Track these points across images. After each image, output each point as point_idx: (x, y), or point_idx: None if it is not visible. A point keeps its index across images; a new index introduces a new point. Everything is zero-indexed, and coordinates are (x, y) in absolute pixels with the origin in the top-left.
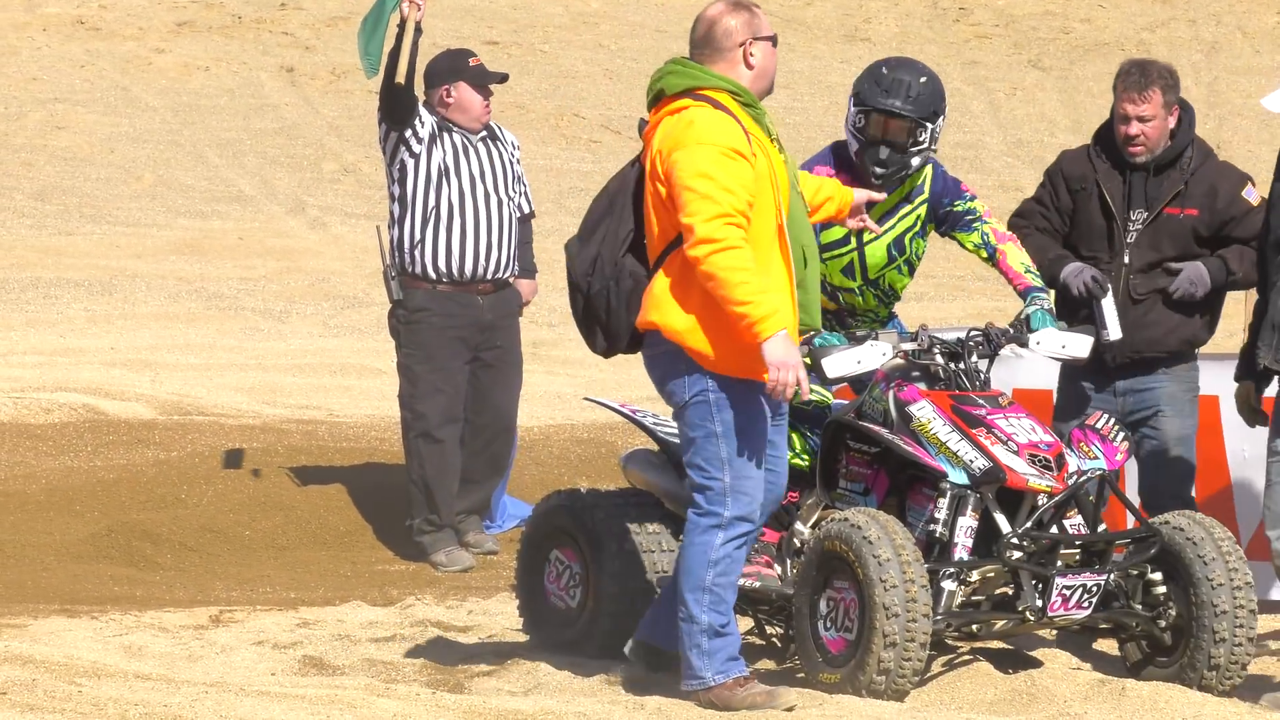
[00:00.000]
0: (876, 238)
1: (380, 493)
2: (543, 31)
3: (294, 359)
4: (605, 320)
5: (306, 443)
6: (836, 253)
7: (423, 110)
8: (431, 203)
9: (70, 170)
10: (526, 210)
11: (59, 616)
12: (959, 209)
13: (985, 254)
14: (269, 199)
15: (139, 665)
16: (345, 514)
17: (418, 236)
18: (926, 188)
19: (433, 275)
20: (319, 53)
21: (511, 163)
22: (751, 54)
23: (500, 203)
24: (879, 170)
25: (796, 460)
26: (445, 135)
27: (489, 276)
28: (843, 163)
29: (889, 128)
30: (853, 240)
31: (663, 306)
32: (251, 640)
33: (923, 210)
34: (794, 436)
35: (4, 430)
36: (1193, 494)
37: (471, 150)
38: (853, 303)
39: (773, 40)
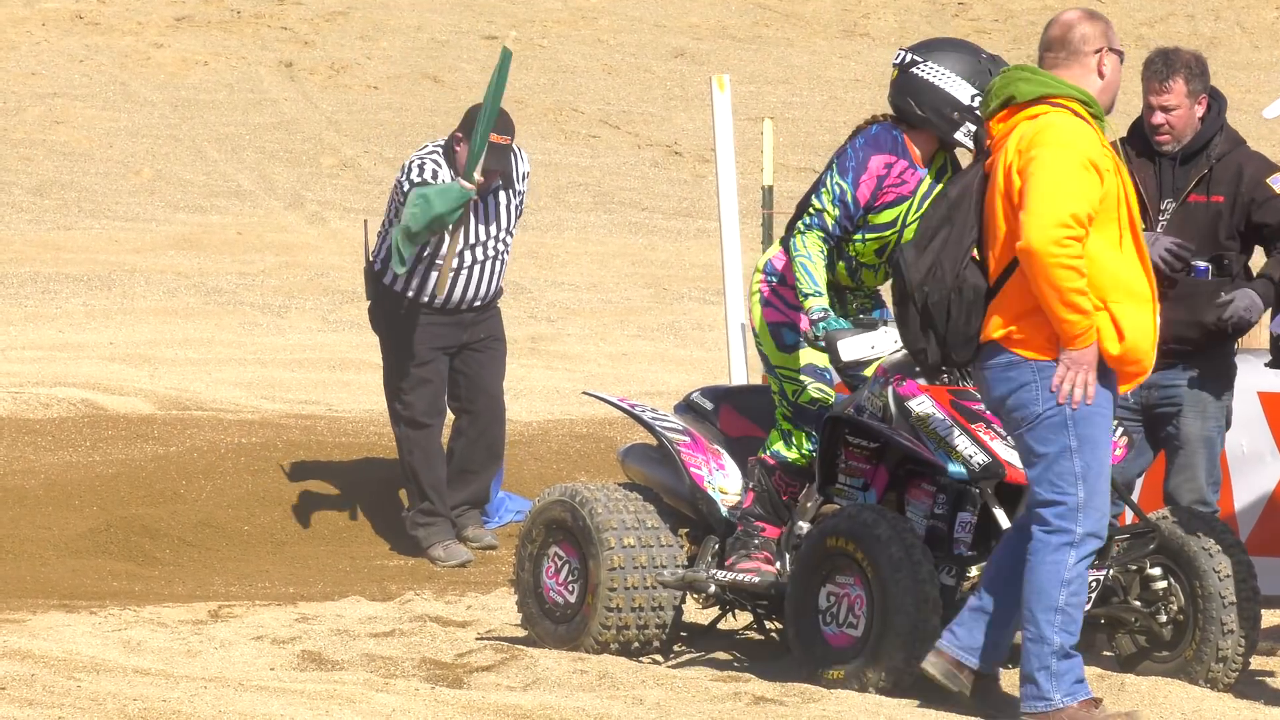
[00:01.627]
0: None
1: (379, 488)
2: (542, 26)
3: (293, 354)
4: (943, 331)
5: (305, 438)
6: (883, 235)
7: (441, 164)
8: (427, 249)
9: (69, 165)
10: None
11: (57, 611)
12: None
13: None
14: (268, 194)
15: (138, 660)
16: (344, 509)
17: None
18: (949, 166)
19: (420, 303)
20: (318, 48)
21: (513, 209)
22: (1104, 64)
23: (496, 247)
24: None
25: (799, 458)
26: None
27: (474, 307)
28: (900, 149)
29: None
30: (899, 223)
31: (1014, 317)
32: (250, 635)
33: None
34: (799, 435)
35: (3, 425)
36: (1215, 499)
37: (477, 201)
38: (866, 280)
39: (1121, 56)
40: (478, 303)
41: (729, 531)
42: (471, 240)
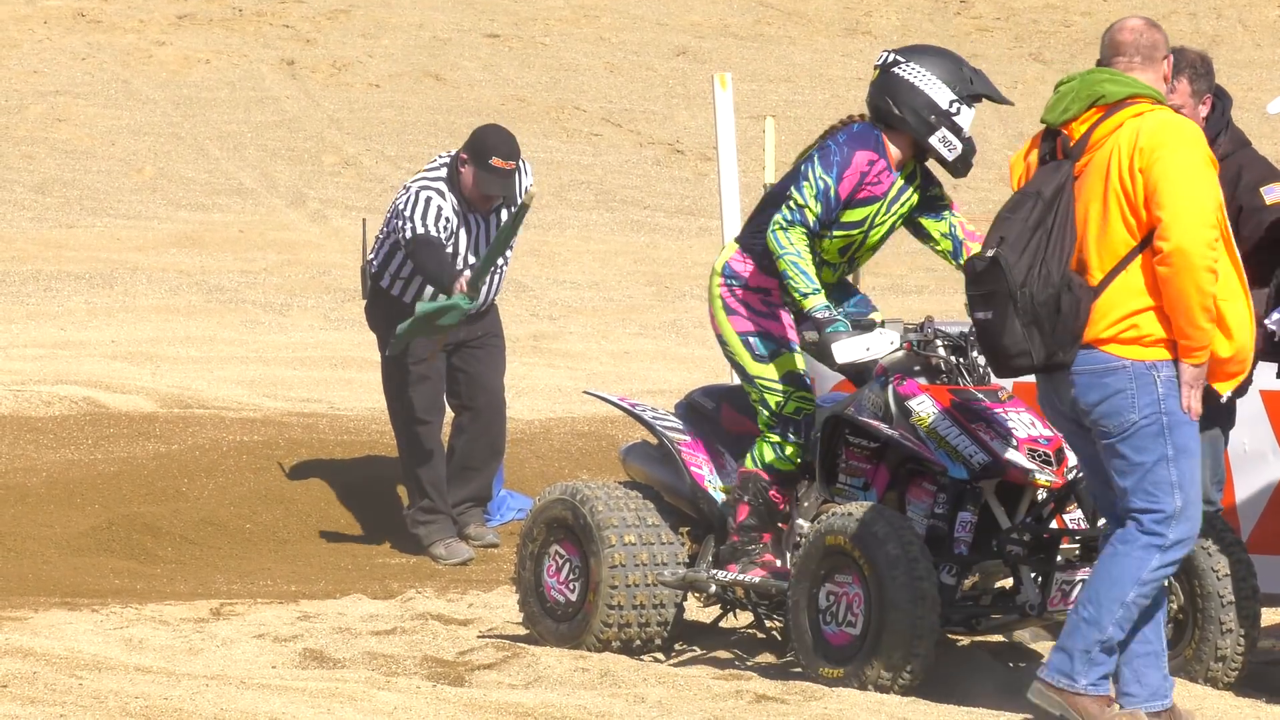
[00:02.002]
0: (887, 220)
1: (381, 486)
2: (544, 25)
3: (295, 352)
4: (1051, 331)
5: (307, 436)
6: (850, 234)
7: (443, 219)
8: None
9: (71, 163)
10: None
11: (59, 609)
12: (934, 193)
13: (949, 244)
14: (269, 192)
15: (139, 658)
16: (346, 507)
17: (403, 272)
18: (919, 174)
19: (405, 302)
20: (320, 46)
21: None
22: (1170, 71)
23: (496, 262)
24: (969, 162)
25: (782, 464)
26: (466, 217)
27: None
28: (880, 148)
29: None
30: (867, 223)
31: (1119, 319)
32: (252, 633)
33: (918, 196)
34: (788, 444)
35: (5, 423)
36: (1219, 498)
37: (477, 222)
38: (825, 278)
39: None
40: (475, 309)
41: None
42: (470, 259)
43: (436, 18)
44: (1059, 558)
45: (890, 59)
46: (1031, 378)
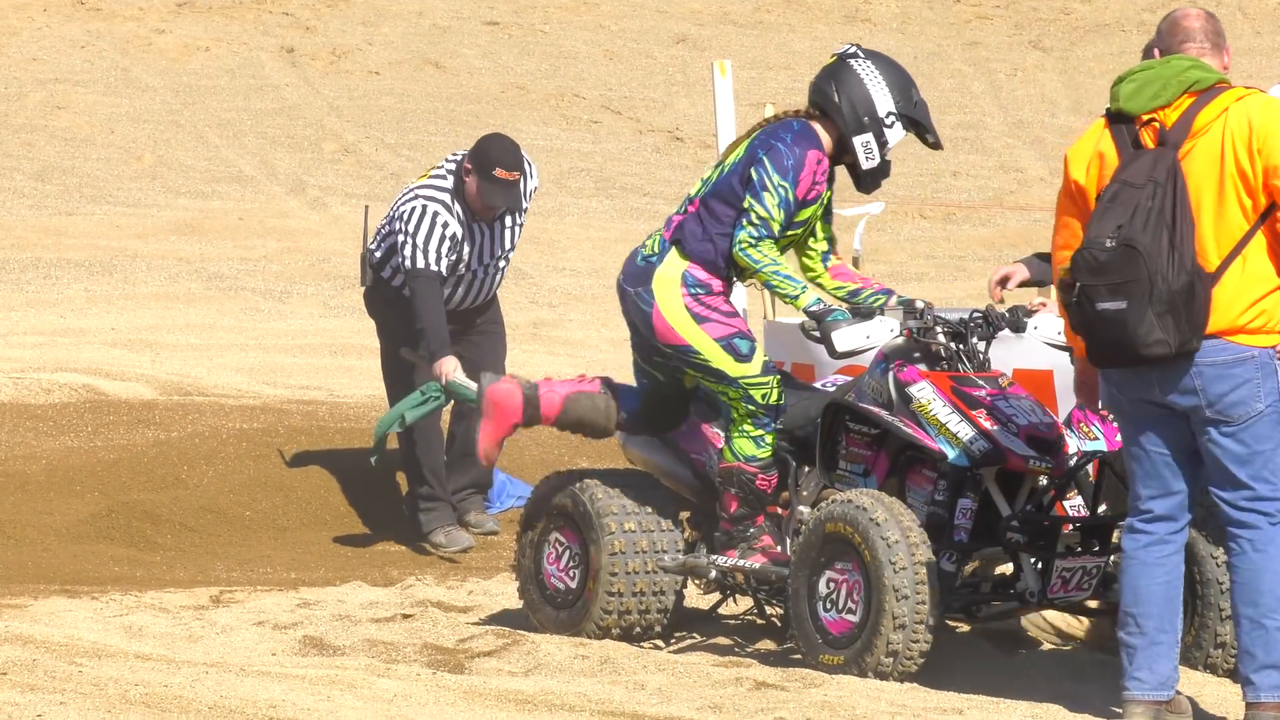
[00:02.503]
0: (816, 220)
1: (380, 473)
2: (543, 12)
3: (294, 339)
4: (1185, 317)
5: (307, 423)
6: (793, 234)
7: (445, 246)
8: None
9: (70, 150)
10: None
11: (59, 597)
12: (828, 198)
13: (825, 246)
14: (269, 179)
15: (139, 645)
16: (345, 494)
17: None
18: (833, 176)
19: (404, 295)
20: (319, 33)
21: (516, 230)
22: (1228, 61)
23: (498, 264)
24: (879, 183)
25: (764, 452)
26: (470, 227)
27: (471, 309)
28: (821, 146)
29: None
30: (809, 223)
31: (1244, 306)
32: (252, 621)
33: (830, 195)
34: (765, 432)
35: (4, 410)
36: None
37: (481, 230)
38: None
39: None
40: (475, 305)
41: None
42: (473, 264)
43: (436, 5)
44: (1059, 545)
45: (852, 50)
46: (1034, 364)
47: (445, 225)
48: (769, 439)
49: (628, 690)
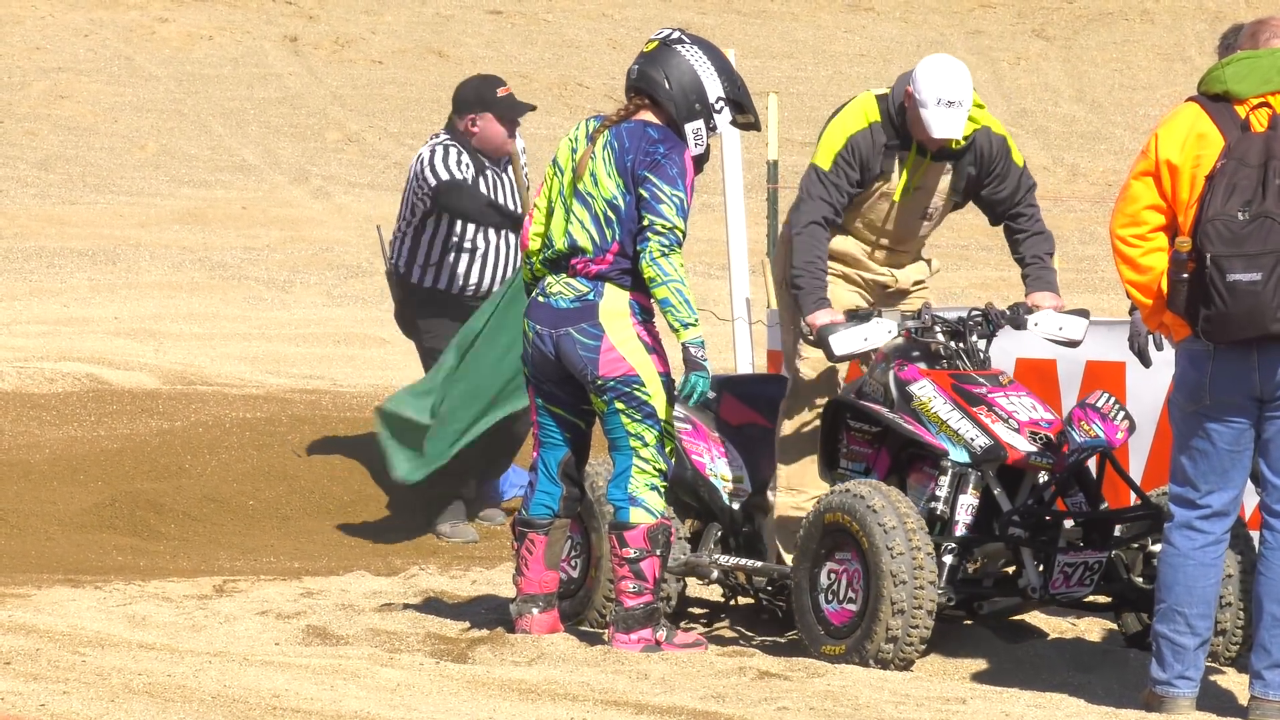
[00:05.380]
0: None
1: (383, 462)
2: (546, 1)
3: (297, 328)
4: None
5: (310, 412)
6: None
7: (463, 164)
8: (445, 230)
9: (74, 140)
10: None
11: (63, 586)
12: None
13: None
14: (272, 168)
15: (143, 635)
16: (349, 484)
17: (432, 259)
18: None
19: (451, 293)
20: (322, 22)
21: (520, 185)
22: None
23: (510, 238)
24: (701, 168)
25: (664, 501)
26: (479, 176)
27: (494, 289)
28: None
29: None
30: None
31: None
32: (255, 610)
33: None
34: (663, 481)
35: (8, 400)
36: None
37: (494, 180)
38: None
39: None
40: (496, 285)
41: (731, 518)
42: (493, 237)
43: None
44: (1060, 541)
45: (675, 36)
46: (1036, 354)
47: (460, 152)
48: (663, 489)
49: (631, 680)
